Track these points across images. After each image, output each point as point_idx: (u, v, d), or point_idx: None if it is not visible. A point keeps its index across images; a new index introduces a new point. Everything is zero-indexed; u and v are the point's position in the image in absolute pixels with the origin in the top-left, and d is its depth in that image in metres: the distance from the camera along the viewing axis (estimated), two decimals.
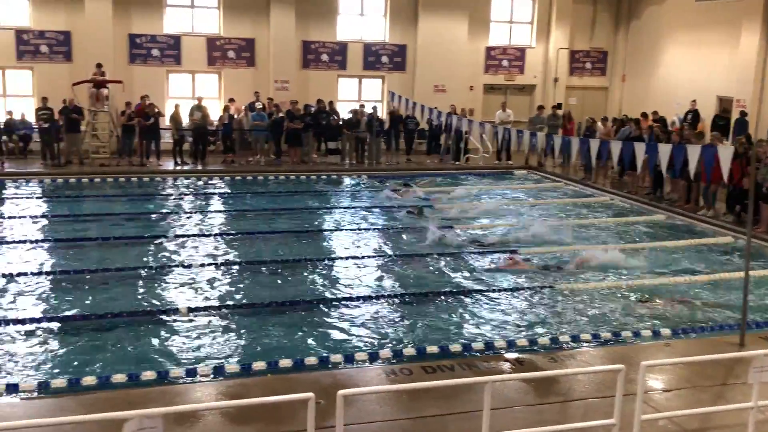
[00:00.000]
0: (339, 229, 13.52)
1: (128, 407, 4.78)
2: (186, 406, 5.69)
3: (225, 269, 10.76)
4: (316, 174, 19.12)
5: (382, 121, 21.32)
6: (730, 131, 19.62)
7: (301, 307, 9.15)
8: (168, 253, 11.60)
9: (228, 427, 5.91)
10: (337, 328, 8.59)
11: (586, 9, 25.58)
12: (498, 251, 11.92)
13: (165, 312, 8.79)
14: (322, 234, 13.19)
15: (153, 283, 10.00)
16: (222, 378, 7.09)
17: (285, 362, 7.34)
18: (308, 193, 17.10)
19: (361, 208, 15.55)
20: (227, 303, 9.28)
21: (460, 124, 19.88)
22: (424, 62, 23.64)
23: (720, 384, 6.99)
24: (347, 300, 9.46)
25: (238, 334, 8.29)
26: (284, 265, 10.97)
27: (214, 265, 10.93)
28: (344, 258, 11.53)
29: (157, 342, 8.01)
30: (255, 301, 9.33)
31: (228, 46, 22.41)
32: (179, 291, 9.75)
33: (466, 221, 14.35)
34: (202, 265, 10.83)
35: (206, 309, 8.96)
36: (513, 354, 7.69)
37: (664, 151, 12.73)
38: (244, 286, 10.06)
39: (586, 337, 8.33)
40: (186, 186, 17.50)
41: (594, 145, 14.79)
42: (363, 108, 20.89)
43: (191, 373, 7.16)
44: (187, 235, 12.65)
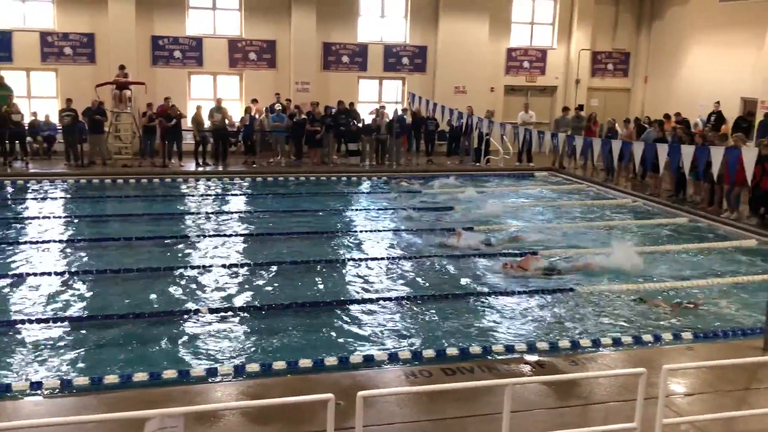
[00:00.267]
0: (359, 230, 13.52)
1: (149, 406, 4.80)
2: (207, 406, 5.72)
3: (246, 270, 10.81)
4: (336, 175, 19.18)
5: (407, 124, 21.05)
6: (754, 133, 19.38)
7: (321, 308, 9.18)
8: (189, 254, 11.70)
9: (248, 427, 5.93)
10: (356, 328, 8.60)
11: (608, 9, 25.38)
12: (515, 253, 11.85)
13: (186, 312, 8.85)
14: (342, 235, 13.20)
15: (174, 283, 10.08)
16: (242, 378, 7.12)
17: (305, 362, 7.35)
18: (329, 194, 17.13)
19: (379, 209, 15.52)
20: (247, 303, 9.32)
21: (481, 125, 19.83)
22: (444, 63, 23.59)
23: (743, 388, 6.91)
24: (367, 301, 9.45)
25: (258, 335, 8.32)
26: (304, 266, 11.00)
27: (235, 265, 10.99)
28: (364, 259, 11.54)
29: (178, 342, 8.06)
30: (275, 301, 9.36)
31: (249, 47, 22.52)
32: (200, 291, 9.81)
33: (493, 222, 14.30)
34: (223, 266, 10.90)
35: (227, 309, 9.00)
36: (533, 356, 7.65)
37: (687, 152, 12.64)
38: (264, 287, 10.10)
39: (607, 340, 8.26)
40: (207, 187, 17.62)
41: (616, 146, 14.70)
42: (383, 110, 20.89)
43: (212, 372, 7.20)
44: (208, 236, 12.76)
